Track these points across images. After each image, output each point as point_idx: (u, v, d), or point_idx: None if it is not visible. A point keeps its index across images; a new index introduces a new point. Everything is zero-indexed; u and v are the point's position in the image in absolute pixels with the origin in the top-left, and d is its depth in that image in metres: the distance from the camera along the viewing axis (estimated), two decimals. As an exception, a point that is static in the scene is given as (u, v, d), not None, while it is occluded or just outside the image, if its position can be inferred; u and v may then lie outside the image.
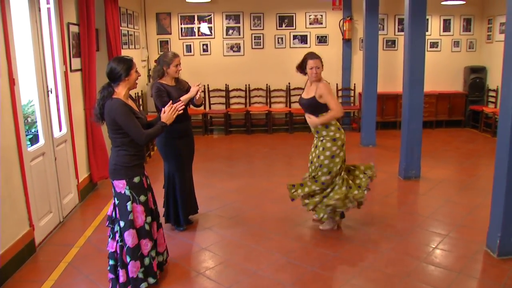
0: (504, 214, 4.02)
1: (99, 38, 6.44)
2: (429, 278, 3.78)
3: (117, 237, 3.43)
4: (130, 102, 3.43)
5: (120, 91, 3.34)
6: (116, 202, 3.41)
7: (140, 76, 3.45)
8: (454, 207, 5.45)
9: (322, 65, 4.37)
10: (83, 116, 5.90)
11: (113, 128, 3.33)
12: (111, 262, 3.47)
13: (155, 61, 4.62)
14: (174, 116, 3.55)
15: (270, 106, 10.10)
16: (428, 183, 6.31)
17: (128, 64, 3.34)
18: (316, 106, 4.35)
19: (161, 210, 4.56)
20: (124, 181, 3.36)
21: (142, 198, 3.42)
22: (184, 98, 4.42)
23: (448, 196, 5.81)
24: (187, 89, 4.61)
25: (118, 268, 3.42)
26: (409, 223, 4.95)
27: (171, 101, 3.80)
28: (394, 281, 3.72)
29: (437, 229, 4.79)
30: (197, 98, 4.48)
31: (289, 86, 10.02)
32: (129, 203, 3.36)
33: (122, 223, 3.38)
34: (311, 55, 4.35)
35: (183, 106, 3.73)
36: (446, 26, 10.21)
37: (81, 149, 5.82)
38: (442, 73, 10.30)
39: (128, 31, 8.17)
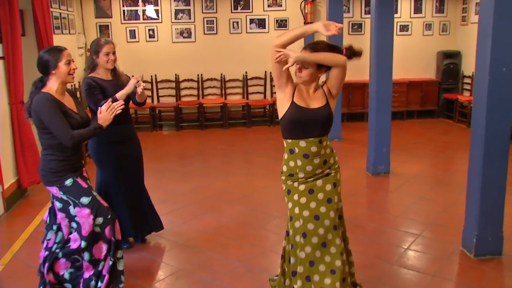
0: (480, 211, 4.12)
1: (25, 21, 6.22)
2: (402, 283, 3.84)
3: (47, 244, 3.45)
4: (67, 99, 3.36)
5: (51, 86, 3.28)
6: (60, 205, 3.37)
7: (74, 68, 3.34)
8: (427, 204, 5.57)
9: (319, 66, 3.08)
10: (8, 112, 5.66)
11: (39, 126, 3.27)
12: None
13: (88, 49, 4.37)
14: (112, 117, 3.42)
15: (225, 98, 10.06)
16: (399, 179, 6.43)
17: (55, 54, 3.25)
18: (331, 118, 3.19)
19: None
20: (55, 188, 3.33)
21: (85, 199, 3.35)
22: (121, 94, 4.08)
23: (421, 192, 5.94)
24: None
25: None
26: (378, 223, 5.02)
27: (110, 99, 3.58)
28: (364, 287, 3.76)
29: (409, 228, 4.88)
30: (138, 93, 4.18)
31: (246, 76, 10.00)
32: (71, 207, 3.34)
33: (74, 224, 3.39)
34: (305, 46, 3.11)
35: (123, 106, 3.52)
36: (417, 7, 10.44)
37: (7, 150, 5.59)
38: (413, 59, 10.54)
39: (60, 13, 7.91)
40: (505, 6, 3.78)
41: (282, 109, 3.10)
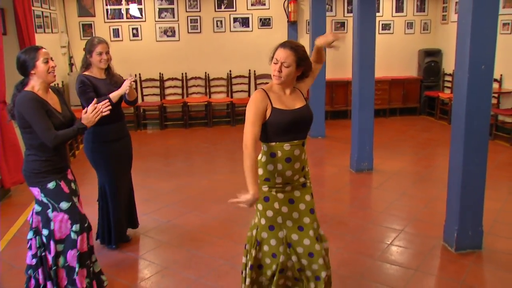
0: (460, 206, 4.19)
1: (6, 20, 6.14)
2: (385, 277, 3.89)
3: (31, 244, 3.38)
4: (50, 97, 3.32)
5: (33, 86, 3.24)
6: (38, 209, 3.34)
7: (53, 67, 3.29)
8: (409, 200, 5.63)
9: (298, 65, 2.91)
10: (-10, 112, 5.60)
11: (22, 125, 3.24)
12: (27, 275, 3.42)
13: (84, 48, 4.38)
14: (96, 119, 3.37)
15: (209, 97, 10.05)
16: (382, 175, 6.49)
17: (31, 54, 3.21)
18: (313, 119, 3.09)
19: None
20: (37, 189, 3.30)
21: (64, 205, 3.31)
22: (114, 94, 4.13)
23: (403, 188, 6.01)
24: (120, 85, 4.29)
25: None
26: (362, 219, 5.07)
27: (95, 100, 3.54)
28: (347, 283, 3.80)
29: (391, 224, 4.93)
30: (127, 92, 4.20)
31: (230, 74, 10.00)
32: (49, 211, 3.31)
33: (45, 231, 3.33)
34: (284, 43, 2.93)
35: (110, 107, 3.48)
36: (399, 6, 10.53)
37: (-11, 150, 5.52)
38: (395, 57, 10.63)
39: (42, 12, 7.83)
40: (483, 5, 3.84)
41: None
